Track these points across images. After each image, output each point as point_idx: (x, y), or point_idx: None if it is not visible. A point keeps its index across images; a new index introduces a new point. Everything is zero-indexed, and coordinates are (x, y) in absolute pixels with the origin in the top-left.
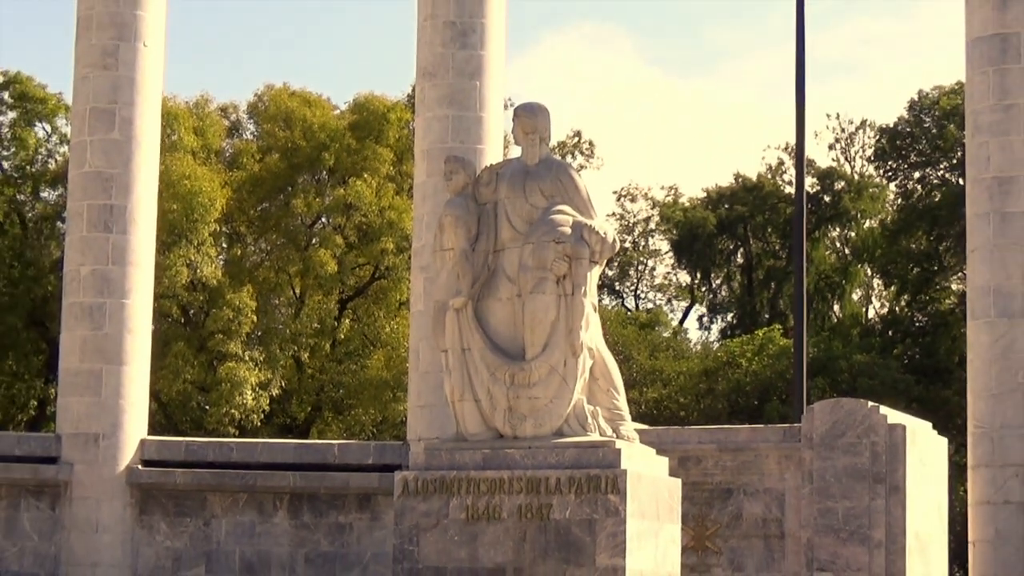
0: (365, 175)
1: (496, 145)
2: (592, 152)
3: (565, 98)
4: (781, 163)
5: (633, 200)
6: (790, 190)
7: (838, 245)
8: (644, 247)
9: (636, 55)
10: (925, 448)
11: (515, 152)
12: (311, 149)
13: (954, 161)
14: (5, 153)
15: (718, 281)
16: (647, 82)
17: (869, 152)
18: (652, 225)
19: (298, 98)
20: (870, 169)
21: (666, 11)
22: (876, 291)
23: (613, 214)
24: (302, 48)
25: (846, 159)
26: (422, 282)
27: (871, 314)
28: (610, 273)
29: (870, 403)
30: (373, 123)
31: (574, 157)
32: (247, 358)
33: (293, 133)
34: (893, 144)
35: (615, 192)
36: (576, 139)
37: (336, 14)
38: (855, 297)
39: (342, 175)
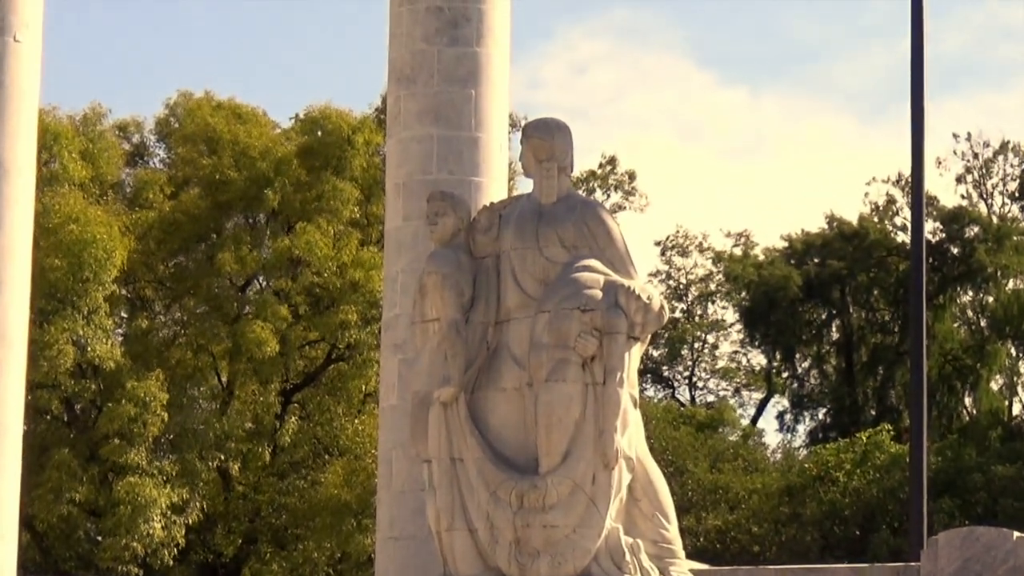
0: (320, 219)
1: (498, 177)
2: (632, 187)
3: (593, 113)
4: (891, 202)
5: (685, 253)
6: (904, 238)
7: (970, 315)
8: (702, 317)
9: (687, 54)
10: None
11: (525, 187)
12: (245, 182)
13: None
14: None
15: (805, 364)
16: (702, 91)
17: (1012, 186)
18: (713, 287)
19: (225, 111)
20: (1014, 209)
21: None
22: (1023, 379)
23: (657, 273)
24: (231, 44)
25: (981, 196)
26: (396, 366)
27: (1016, 410)
28: (656, 353)
29: (1016, 533)
30: (332, 147)
31: (607, 194)
32: (155, 471)
33: (220, 160)
34: None
35: (659, 243)
36: (609, 169)
37: None
38: (994, 387)
39: (288, 219)
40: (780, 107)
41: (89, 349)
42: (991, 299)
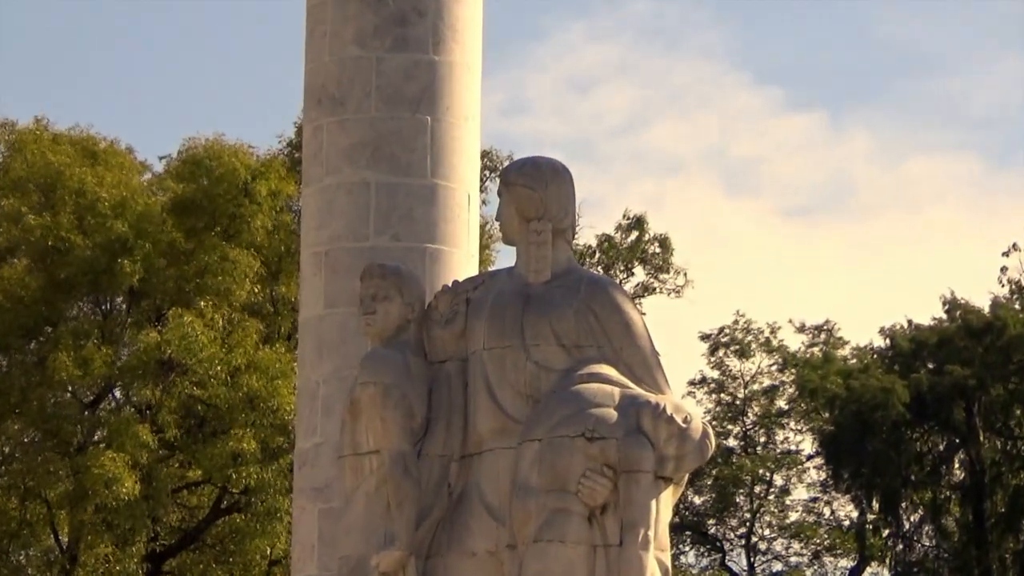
0: (203, 303)
1: (465, 243)
2: (665, 260)
3: (602, 151)
4: None
5: (744, 353)
6: None
7: None
8: (767, 448)
9: (737, 65)
10: None
11: (505, 258)
12: (95, 250)
13: None
14: None
15: (914, 517)
16: (760, 118)
17: None
18: (782, 403)
19: (68, 146)
20: None
21: None
22: None
23: (702, 382)
24: (75, 55)
25: None
26: (315, 519)
27: None
28: (698, 501)
29: None
30: (221, 199)
31: (628, 271)
32: None
33: (58, 217)
34: None
35: (707, 336)
36: (633, 234)
37: None
38: None
39: (156, 303)
40: (873, 142)
41: None
42: None
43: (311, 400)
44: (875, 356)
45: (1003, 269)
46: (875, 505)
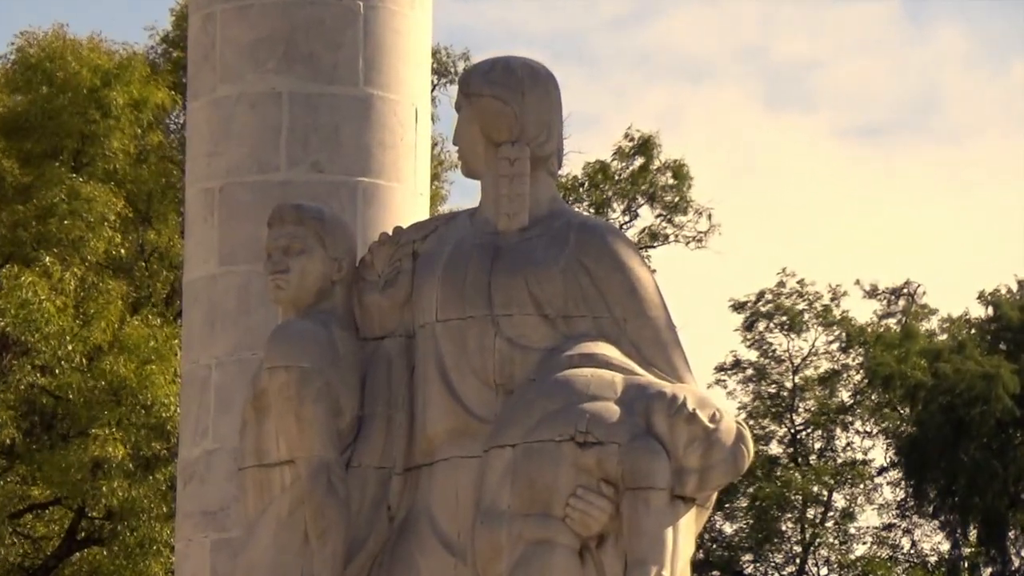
0: (47, 257)
1: (411, 176)
2: (682, 198)
3: (598, 49)
4: None
5: (792, 328)
6: None
7: None
8: (824, 456)
9: None
10: None
11: (465, 195)
12: None
13: None
14: None
15: None
16: (818, 8)
17: None
18: (844, 395)
19: None
20: None
21: None
22: None
23: (735, 366)
24: None
25: None
26: (206, 554)
27: None
28: (730, 529)
29: None
30: (66, 114)
31: (632, 212)
32: None
33: None
34: None
35: (739, 302)
36: (638, 161)
37: None
38: None
39: None
40: (966, 41)
41: None
42: None
43: (200, 391)
44: (973, 331)
45: None
46: (972, 534)
